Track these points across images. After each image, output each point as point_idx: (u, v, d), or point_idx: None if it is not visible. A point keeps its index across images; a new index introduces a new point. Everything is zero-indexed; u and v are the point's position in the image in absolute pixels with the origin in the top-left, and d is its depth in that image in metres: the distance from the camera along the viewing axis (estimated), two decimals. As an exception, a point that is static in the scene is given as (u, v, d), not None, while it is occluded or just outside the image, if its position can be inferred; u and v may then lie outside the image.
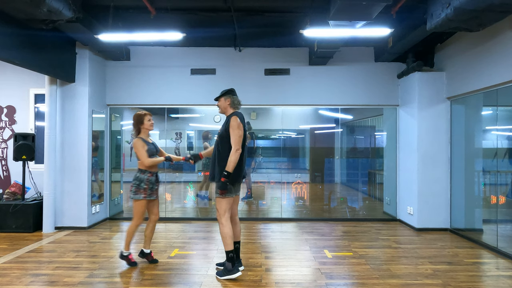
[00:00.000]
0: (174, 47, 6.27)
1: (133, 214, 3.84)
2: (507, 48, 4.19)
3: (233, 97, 3.66)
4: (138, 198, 3.74)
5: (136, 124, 3.90)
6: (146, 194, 3.76)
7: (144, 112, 3.93)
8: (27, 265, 3.94)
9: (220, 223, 3.54)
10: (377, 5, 3.66)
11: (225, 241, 3.50)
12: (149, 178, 3.78)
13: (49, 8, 3.71)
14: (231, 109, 3.66)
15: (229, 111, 3.67)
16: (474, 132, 5.20)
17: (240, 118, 3.54)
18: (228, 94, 3.66)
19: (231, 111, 3.66)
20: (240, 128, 3.46)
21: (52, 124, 5.42)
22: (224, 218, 3.52)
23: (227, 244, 3.48)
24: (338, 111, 6.77)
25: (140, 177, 3.77)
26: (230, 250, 3.48)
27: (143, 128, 3.89)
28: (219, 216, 3.55)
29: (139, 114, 3.90)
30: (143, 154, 3.74)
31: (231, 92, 3.68)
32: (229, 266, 3.50)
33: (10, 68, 5.90)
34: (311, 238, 5.12)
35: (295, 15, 5.15)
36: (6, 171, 6.12)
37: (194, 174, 8.22)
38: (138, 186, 3.75)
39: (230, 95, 3.66)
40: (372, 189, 7.51)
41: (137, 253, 4.16)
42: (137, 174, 3.80)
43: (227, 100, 3.65)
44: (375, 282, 3.48)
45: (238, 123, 3.47)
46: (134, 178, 3.79)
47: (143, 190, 3.75)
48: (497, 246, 4.52)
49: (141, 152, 3.74)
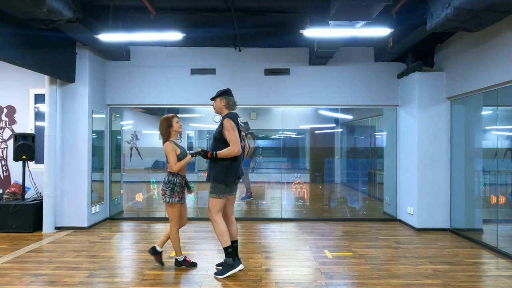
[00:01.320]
0: (174, 47, 6.27)
1: (169, 219, 3.74)
2: (507, 48, 4.19)
3: (228, 98, 3.65)
4: (174, 202, 3.66)
5: (166, 127, 3.73)
6: (180, 198, 3.70)
7: (171, 114, 3.80)
8: (27, 265, 3.94)
9: (214, 222, 3.58)
10: (377, 5, 3.67)
11: (222, 238, 3.54)
12: (180, 181, 3.72)
13: (49, 8, 3.71)
14: (226, 110, 3.66)
15: (224, 112, 3.66)
16: (474, 132, 5.20)
17: (233, 119, 3.54)
18: (223, 95, 3.65)
19: (226, 111, 3.65)
20: (235, 129, 3.48)
21: (52, 124, 5.43)
22: (218, 216, 3.56)
23: (224, 241, 3.53)
24: (338, 111, 6.77)
25: (173, 180, 3.67)
26: (228, 246, 3.53)
27: (172, 131, 3.75)
28: (211, 215, 3.58)
29: (167, 117, 3.76)
30: (173, 159, 3.62)
31: (226, 93, 3.67)
32: (230, 261, 3.54)
33: (10, 68, 5.90)
34: (311, 238, 5.12)
35: (295, 15, 5.15)
36: (6, 171, 6.12)
37: (194, 174, 8.22)
38: (172, 190, 3.65)
39: (226, 96, 3.65)
40: (372, 189, 7.50)
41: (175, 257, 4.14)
42: (169, 177, 3.68)
43: (222, 101, 3.64)
44: (375, 282, 3.48)
45: (232, 125, 3.48)
46: (167, 181, 3.67)
47: (177, 194, 3.67)
48: (497, 246, 4.52)
49: (172, 157, 3.62)
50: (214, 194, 3.56)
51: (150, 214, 6.74)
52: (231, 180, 3.55)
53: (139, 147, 7.38)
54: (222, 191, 3.55)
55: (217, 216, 3.56)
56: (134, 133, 7.34)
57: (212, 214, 3.57)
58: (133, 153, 7.21)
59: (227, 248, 3.53)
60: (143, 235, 5.31)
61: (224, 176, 3.53)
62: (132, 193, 7.16)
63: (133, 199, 7.13)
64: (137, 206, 6.99)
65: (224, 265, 3.60)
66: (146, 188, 7.20)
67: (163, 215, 6.43)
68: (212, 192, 3.57)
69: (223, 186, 3.54)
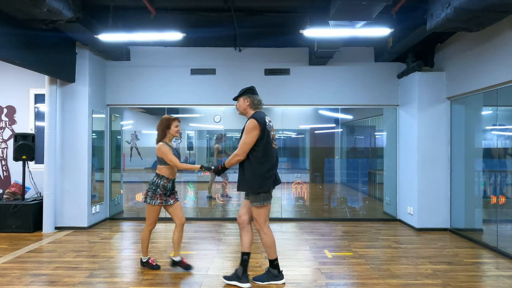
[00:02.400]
0: (174, 47, 6.27)
1: (146, 218, 3.74)
2: (507, 48, 4.19)
3: (253, 96, 3.33)
4: (153, 204, 3.62)
5: (163, 128, 3.68)
6: (162, 200, 3.65)
7: (173, 117, 3.74)
8: (27, 265, 3.94)
9: (262, 233, 3.33)
10: (377, 5, 3.66)
11: (269, 251, 3.34)
12: (165, 184, 3.65)
13: (49, 8, 3.71)
14: (251, 110, 3.33)
15: (249, 112, 3.34)
16: (474, 132, 5.20)
17: (259, 120, 3.19)
18: (247, 94, 3.34)
19: (251, 112, 3.32)
20: (252, 132, 3.15)
21: (52, 124, 5.43)
22: (266, 227, 3.31)
23: (271, 253, 3.35)
24: (338, 111, 6.77)
25: (156, 182, 3.64)
26: (274, 258, 3.38)
27: (168, 133, 3.70)
28: (259, 226, 3.31)
29: (168, 118, 3.71)
30: (173, 158, 3.58)
31: (250, 91, 3.35)
32: (275, 272, 3.39)
33: (10, 68, 5.89)
34: (311, 238, 5.12)
35: (295, 15, 5.14)
36: (6, 171, 6.12)
37: (194, 174, 8.21)
38: (154, 191, 3.63)
39: (250, 95, 3.33)
40: (372, 189, 7.50)
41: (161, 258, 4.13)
42: (154, 178, 3.67)
43: (246, 100, 3.33)
44: (375, 282, 3.47)
45: (254, 126, 3.15)
46: (151, 183, 3.66)
47: (159, 196, 3.63)
48: (497, 246, 4.52)
49: (170, 156, 3.57)
50: (258, 203, 3.24)
51: (150, 214, 6.73)
52: (267, 185, 3.23)
53: (139, 147, 7.37)
54: (265, 198, 3.25)
55: (265, 226, 3.30)
56: (134, 133, 7.34)
57: (260, 224, 3.30)
58: (133, 153, 7.21)
59: (273, 261, 3.38)
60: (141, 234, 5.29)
61: (261, 182, 3.20)
62: (132, 193, 7.17)
63: (133, 199, 7.13)
64: (137, 206, 6.98)
65: (268, 273, 3.43)
66: (146, 188, 7.19)
67: (162, 215, 6.41)
68: (254, 201, 3.25)
69: (263, 194, 3.23)
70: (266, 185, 3.22)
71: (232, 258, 4.18)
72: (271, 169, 3.25)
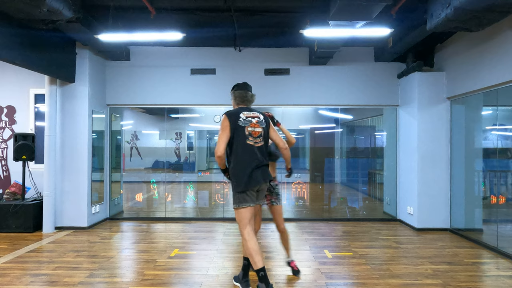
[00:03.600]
0: (174, 47, 6.27)
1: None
2: (507, 48, 4.19)
3: (236, 92, 3.20)
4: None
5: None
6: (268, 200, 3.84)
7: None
8: (27, 265, 3.94)
9: (242, 239, 3.05)
10: (377, 5, 3.67)
11: (251, 259, 2.94)
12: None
13: (49, 8, 3.71)
14: (236, 106, 3.23)
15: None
16: (474, 132, 5.20)
17: (229, 115, 3.03)
18: (232, 90, 3.25)
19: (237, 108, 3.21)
20: (224, 130, 2.98)
21: (52, 124, 5.43)
22: (246, 232, 2.98)
23: (254, 263, 2.92)
24: (338, 111, 6.77)
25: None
26: (259, 268, 2.90)
27: None
28: (240, 230, 3.07)
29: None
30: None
31: (235, 87, 3.24)
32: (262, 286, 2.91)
33: (10, 68, 5.90)
34: (311, 238, 5.12)
35: (295, 15, 5.14)
36: (6, 171, 6.12)
37: (194, 174, 8.22)
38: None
39: (233, 91, 3.23)
40: (372, 189, 7.51)
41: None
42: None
43: (232, 97, 3.26)
44: (375, 282, 3.47)
45: (223, 125, 3.00)
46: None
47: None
48: (497, 246, 4.52)
49: None
50: (235, 204, 3.04)
51: (150, 214, 6.74)
52: (241, 185, 2.97)
53: (139, 147, 7.38)
54: (241, 200, 2.99)
55: (245, 231, 2.98)
56: (134, 133, 7.34)
57: (240, 227, 3.05)
58: (133, 153, 7.22)
59: (259, 271, 2.91)
60: (143, 235, 5.31)
61: (236, 181, 3.01)
62: (132, 193, 7.17)
63: (133, 199, 7.13)
64: (137, 206, 6.99)
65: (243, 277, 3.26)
66: (146, 188, 7.20)
67: (163, 215, 6.44)
68: (233, 202, 3.08)
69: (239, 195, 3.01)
70: (240, 185, 2.98)
71: (232, 258, 4.18)
72: (245, 168, 2.98)
